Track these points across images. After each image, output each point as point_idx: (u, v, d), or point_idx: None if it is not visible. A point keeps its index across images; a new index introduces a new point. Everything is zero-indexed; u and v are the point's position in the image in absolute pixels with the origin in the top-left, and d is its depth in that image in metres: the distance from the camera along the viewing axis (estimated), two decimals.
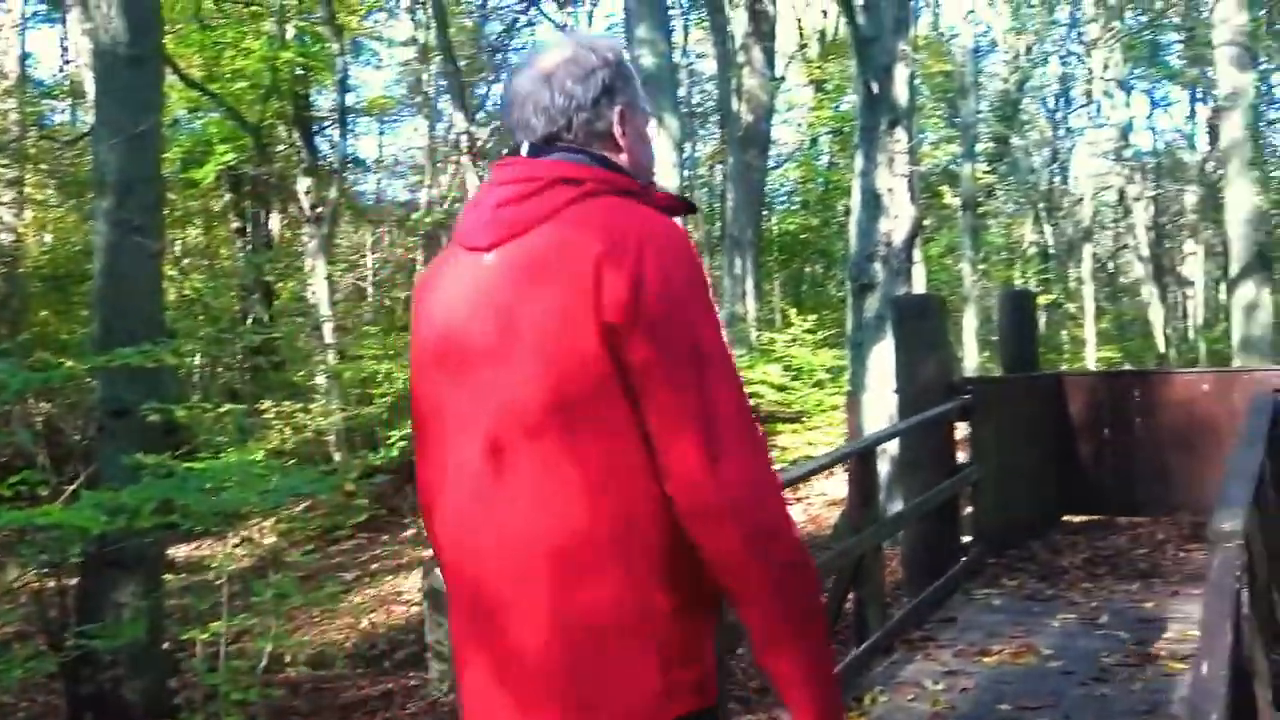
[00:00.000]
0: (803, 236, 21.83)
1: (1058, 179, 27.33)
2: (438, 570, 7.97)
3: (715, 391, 1.60)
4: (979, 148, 22.04)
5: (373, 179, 27.00)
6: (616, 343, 1.58)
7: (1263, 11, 21.66)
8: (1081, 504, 7.45)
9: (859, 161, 11.51)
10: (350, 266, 23.65)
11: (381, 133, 27.33)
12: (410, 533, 14.43)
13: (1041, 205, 26.03)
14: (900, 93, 11.52)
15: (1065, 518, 7.44)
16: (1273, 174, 23.59)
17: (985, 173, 22.67)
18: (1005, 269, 26.38)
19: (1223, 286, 24.60)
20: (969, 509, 6.86)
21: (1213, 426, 7.10)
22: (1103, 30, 21.83)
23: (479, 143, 23.68)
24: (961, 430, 6.85)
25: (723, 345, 1.67)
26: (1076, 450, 7.36)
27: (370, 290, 23.79)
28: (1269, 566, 4.40)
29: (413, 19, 21.41)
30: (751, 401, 1.88)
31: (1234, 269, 14.66)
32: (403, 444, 14.13)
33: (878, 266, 10.85)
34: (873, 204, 11.14)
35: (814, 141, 23.74)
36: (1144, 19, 24.64)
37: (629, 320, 1.57)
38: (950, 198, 22.18)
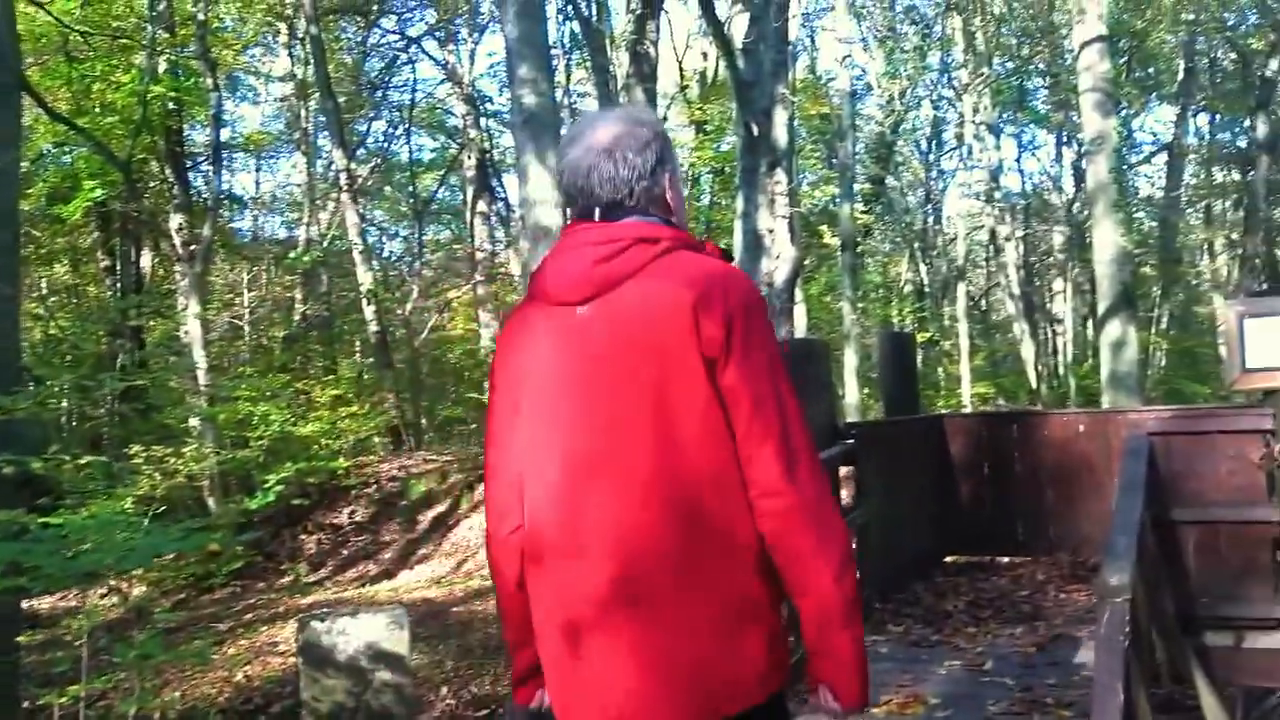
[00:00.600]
0: None
1: (932, 219, 27.92)
2: (314, 623, 7.65)
3: (786, 407, 1.95)
4: (856, 188, 22.36)
5: (250, 216, 26.43)
6: (713, 372, 1.91)
7: (1123, 60, 22.46)
8: (964, 544, 7.45)
9: (740, 202, 11.52)
10: (225, 305, 23.01)
11: (259, 169, 26.71)
12: (287, 580, 13.96)
13: (917, 244, 26.56)
14: (780, 135, 11.58)
15: (948, 558, 7.44)
16: (1135, 215, 24.39)
17: (863, 213, 23.00)
18: (883, 307, 26.83)
19: (1090, 324, 25.30)
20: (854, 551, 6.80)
21: (1089, 466, 7.16)
22: (972, 76, 22.36)
23: (360, 180, 23.31)
24: (844, 471, 6.80)
25: (784, 365, 2.00)
26: (958, 491, 7.37)
27: (247, 329, 23.18)
28: (1148, 611, 4.40)
29: (290, 54, 21.02)
30: None
31: (1101, 307, 14.99)
32: (279, 489, 13.69)
33: None
34: (754, 244, 11.15)
35: (695, 181, 23.84)
36: (1011, 65, 25.33)
37: (723, 353, 1.90)
38: (830, 238, 22.46)
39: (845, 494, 6.95)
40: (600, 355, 1.96)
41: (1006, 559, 7.24)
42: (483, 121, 23.66)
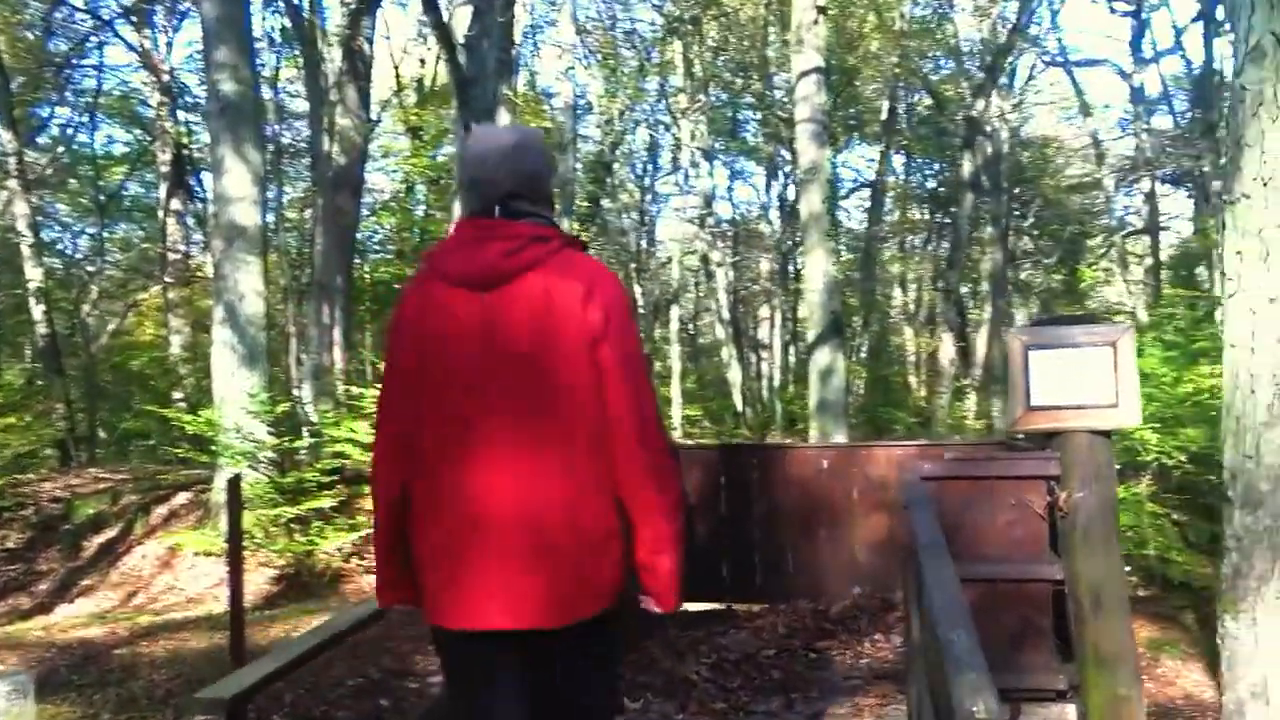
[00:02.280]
0: (397, 286, 20.40)
1: (646, 241, 27.45)
2: None
3: (643, 383, 2.46)
4: (573, 207, 21.57)
5: None
6: (593, 349, 2.37)
7: (832, 97, 22.66)
8: (700, 591, 6.53)
9: (457, 208, 10.41)
10: None
11: None
12: None
13: (632, 265, 25.97)
14: None
15: (682, 606, 6.51)
16: (838, 247, 24.66)
17: (579, 231, 22.21)
18: None
19: (792, 350, 25.45)
20: None
21: (831, 506, 6.45)
22: (690, 101, 22.01)
23: (41, 170, 20.69)
24: None
25: (643, 350, 2.57)
26: (694, 532, 6.47)
27: None
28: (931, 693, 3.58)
29: None
30: (336, 463, 5.85)
31: (811, 335, 14.72)
32: None
33: None
34: None
35: (410, 189, 22.41)
36: (725, 96, 25.19)
37: (601, 335, 2.38)
38: None
39: None
40: (507, 332, 2.35)
41: (745, 607, 6.38)
42: (180, 114, 21.53)
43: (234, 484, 5.78)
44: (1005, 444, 6.20)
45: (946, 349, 16.39)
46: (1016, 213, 25.07)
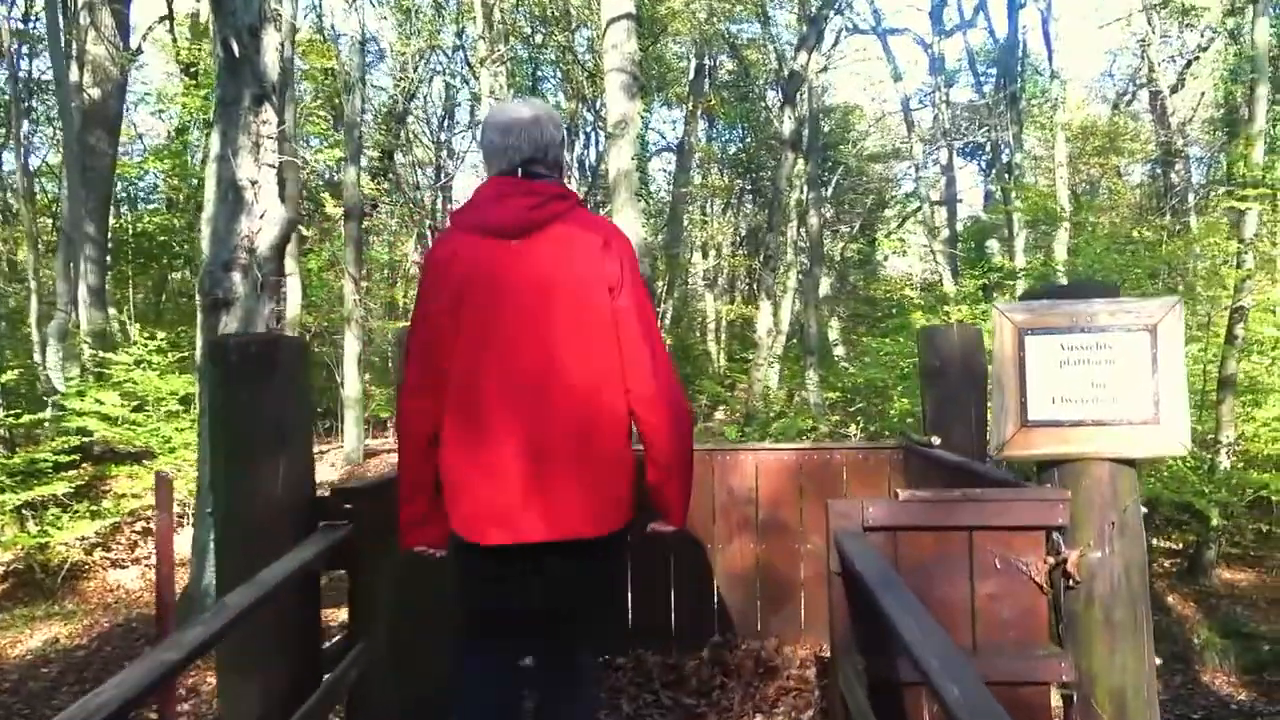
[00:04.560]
0: (162, 239, 17.58)
1: (442, 199, 25.08)
2: None
3: (653, 326, 2.66)
4: (365, 160, 19.20)
5: None
6: (610, 294, 2.57)
7: (642, 54, 20.93)
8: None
9: (215, 143, 8.22)
10: None
11: None
12: None
13: (428, 224, 23.60)
14: (270, 62, 8.38)
15: None
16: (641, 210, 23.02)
17: (371, 187, 19.85)
18: (388, 288, 23.74)
19: None
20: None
21: (679, 531, 4.76)
22: (489, 51, 19.90)
23: None
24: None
25: (650, 298, 2.76)
26: None
27: None
28: None
29: None
30: (78, 439, 4.98)
31: None
32: None
33: (237, 277, 7.72)
34: (233, 198, 7.91)
35: (181, 132, 19.49)
36: (525, 52, 23.19)
37: (617, 283, 2.58)
38: (333, 207, 19.06)
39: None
40: (534, 276, 2.53)
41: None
42: None
43: None
44: (908, 447, 4.63)
45: (764, 318, 14.97)
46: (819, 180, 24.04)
